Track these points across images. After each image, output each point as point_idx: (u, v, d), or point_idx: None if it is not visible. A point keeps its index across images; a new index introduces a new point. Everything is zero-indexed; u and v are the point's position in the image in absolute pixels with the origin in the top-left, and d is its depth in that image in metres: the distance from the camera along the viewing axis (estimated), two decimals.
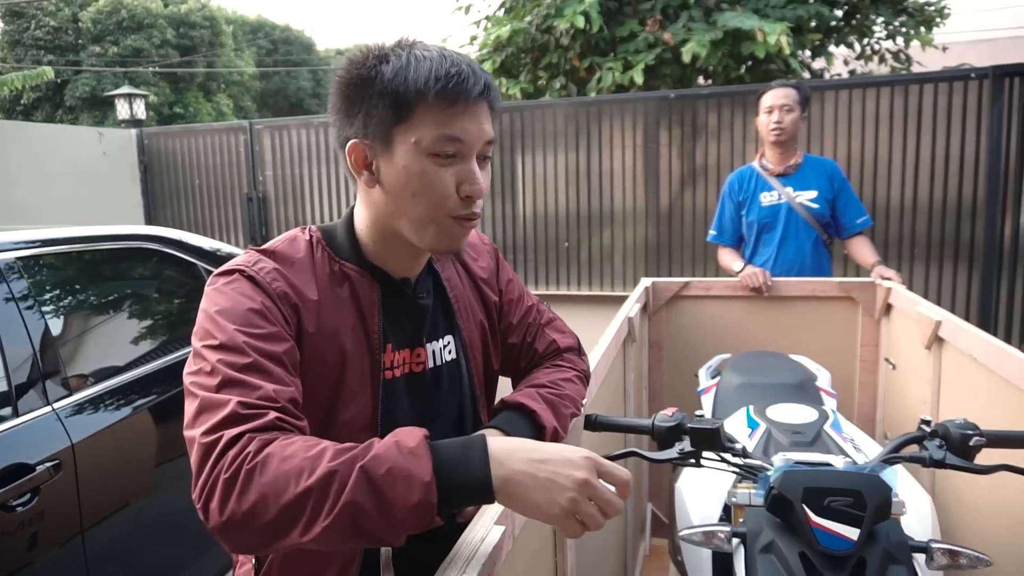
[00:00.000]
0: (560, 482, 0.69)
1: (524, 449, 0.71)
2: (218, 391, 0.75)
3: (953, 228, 4.22)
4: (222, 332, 0.80)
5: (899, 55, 6.90)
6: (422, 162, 0.85)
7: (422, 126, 0.84)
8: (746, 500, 1.14)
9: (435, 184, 0.85)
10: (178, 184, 6.20)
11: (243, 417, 0.72)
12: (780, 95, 2.67)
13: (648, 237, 4.92)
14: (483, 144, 0.88)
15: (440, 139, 0.84)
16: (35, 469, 1.66)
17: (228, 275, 0.87)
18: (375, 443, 0.71)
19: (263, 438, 0.71)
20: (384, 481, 0.66)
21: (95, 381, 1.97)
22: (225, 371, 0.76)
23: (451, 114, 0.84)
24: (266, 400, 0.75)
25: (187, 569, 2.16)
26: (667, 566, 2.65)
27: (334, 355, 0.90)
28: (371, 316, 0.93)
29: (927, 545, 1.06)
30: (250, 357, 0.78)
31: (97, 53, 17.96)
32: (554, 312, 1.20)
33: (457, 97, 0.83)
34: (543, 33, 6.19)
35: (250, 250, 0.92)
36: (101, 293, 2.26)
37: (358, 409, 0.91)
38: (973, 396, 1.73)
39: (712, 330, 2.73)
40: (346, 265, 0.94)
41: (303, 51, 25.94)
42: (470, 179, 0.87)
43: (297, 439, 0.72)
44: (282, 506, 0.67)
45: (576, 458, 0.71)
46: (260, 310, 0.83)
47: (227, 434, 0.71)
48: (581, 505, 0.69)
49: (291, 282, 0.88)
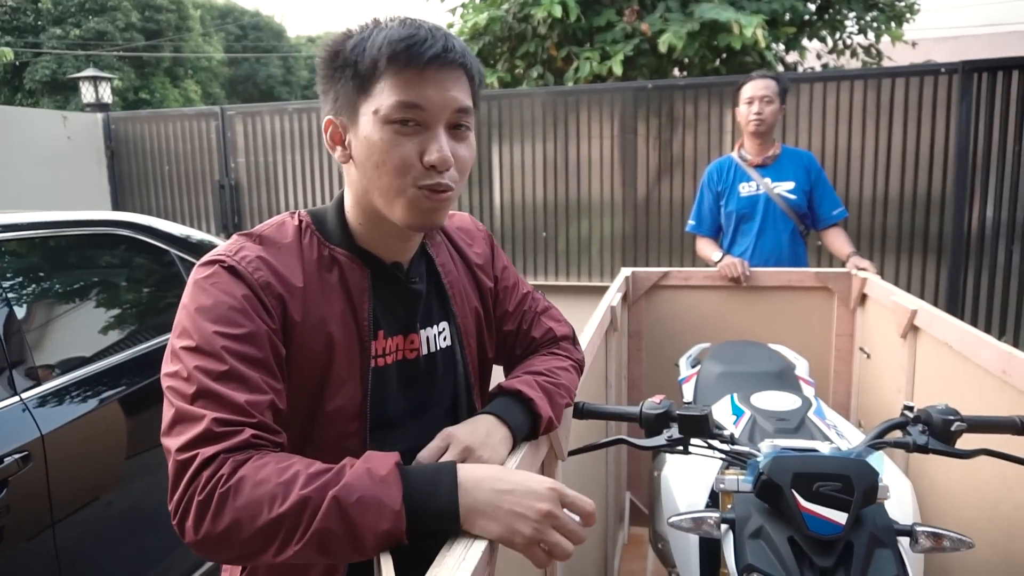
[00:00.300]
0: (524, 513, 0.71)
1: (491, 479, 0.74)
2: (193, 402, 0.75)
3: (922, 220, 4.31)
4: (199, 333, 0.79)
5: (870, 50, 7.01)
6: (382, 131, 0.83)
7: (381, 95, 0.82)
8: (734, 486, 1.14)
9: (395, 153, 0.83)
10: (147, 170, 6.06)
11: (217, 436, 0.72)
12: (760, 86, 2.69)
13: (626, 227, 4.94)
14: (451, 112, 0.84)
15: (397, 106, 0.82)
16: (2, 461, 1.61)
17: (210, 267, 0.84)
18: (347, 467, 0.72)
19: (236, 459, 0.71)
20: (355, 509, 0.68)
21: (65, 371, 1.91)
22: (201, 380, 0.76)
23: (406, 79, 0.81)
24: (241, 415, 0.75)
25: (161, 562, 2.12)
26: (645, 554, 2.67)
27: (321, 343, 0.87)
28: (361, 302, 0.91)
29: (911, 528, 1.08)
30: (226, 364, 0.77)
31: (58, 35, 17.42)
32: (549, 301, 1.19)
33: (410, 60, 0.81)
34: (520, 22, 6.16)
35: (237, 236, 0.90)
36: (70, 280, 2.19)
37: (346, 397, 0.89)
38: (948, 383, 1.77)
39: (691, 320, 2.75)
40: (336, 250, 0.91)
41: (273, 38, 25.50)
42: (431, 149, 0.83)
43: (270, 460, 0.72)
44: (255, 530, 0.69)
45: (541, 489, 0.73)
46: (240, 307, 0.81)
47: (202, 453, 0.71)
48: (545, 535, 0.72)
49: (276, 269, 0.86)
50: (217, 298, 0.81)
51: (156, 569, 2.10)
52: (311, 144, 5.65)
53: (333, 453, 0.88)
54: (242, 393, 0.76)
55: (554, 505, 0.72)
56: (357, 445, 0.90)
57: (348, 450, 0.86)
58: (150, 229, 2.46)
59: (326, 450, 0.88)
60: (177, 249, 2.52)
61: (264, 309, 0.83)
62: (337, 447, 0.89)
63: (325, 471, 0.71)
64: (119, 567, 1.97)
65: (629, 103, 4.83)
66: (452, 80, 0.84)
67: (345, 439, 0.90)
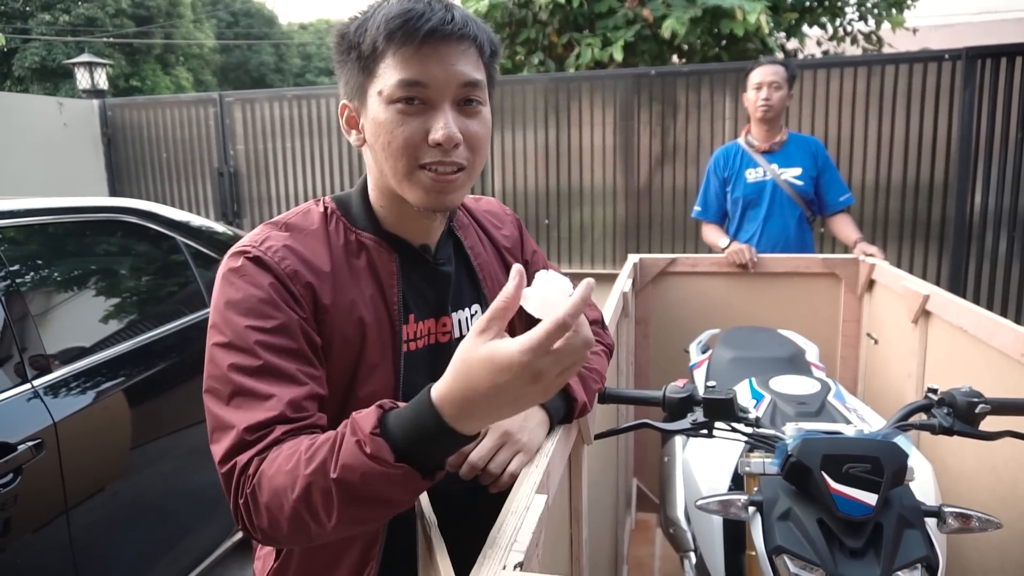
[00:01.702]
0: (526, 397, 0.64)
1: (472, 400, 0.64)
2: (230, 401, 0.76)
3: (925, 207, 4.32)
4: (231, 329, 0.79)
5: (870, 37, 6.99)
6: (387, 112, 0.81)
7: (384, 75, 0.81)
8: (760, 469, 1.15)
9: (400, 132, 0.81)
10: (144, 157, 6.01)
11: (248, 443, 0.74)
12: (769, 72, 2.68)
13: (628, 214, 4.93)
14: (457, 86, 0.81)
15: (400, 85, 0.80)
16: (16, 448, 1.60)
17: (236, 259, 0.84)
18: (339, 441, 0.68)
19: (260, 458, 0.73)
20: (364, 489, 0.67)
21: (76, 358, 1.90)
22: (236, 379, 0.77)
23: (407, 56, 0.79)
24: (273, 414, 0.75)
25: (174, 548, 2.12)
26: (652, 539, 2.69)
27: (353, 327, 0.87)
28: (390, 286, 0.90)
29: (939, 509, 1.08)
30: (260, 359, 0.77)
31: (47, 21, 17.18)
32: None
33: (408, 37, 0.78)
34: (521, 7, 6.11)
35: (263, 225, 0.90)
36: (78, 267, 2.17)
37: (379, 383, 0.89)
38: (962, 368, 1.77)
39: (698, 306, 2.75)
40: (362, 234, 0.91)
41: (265, 25, 25.24)
42: (435, 127, 0.80)
43: (283, 450, 0.72)
44: (287, 519, 0.70)
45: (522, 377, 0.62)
46: (269, 299, 0.80)
47: (238, 462, 0.74)
48: (558, 383, 0.64)
49: (303, 257, 0.85)
50: (246, 291, 0.81)
51: (169, 555, 2.10)
52: (310, 131, 5.61)
53: None
54: (277, 387, 0.76)
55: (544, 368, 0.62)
56: None
57: None
58: (154, 215, 2.44)
59: None
60: (182, 235, 2.50)
61: (293, 298, 0.82)
62: None
63: (321, 446, 0.69)
64: (132, 553, 1.97)
65: (631, 90, 4.81)
66: (456, 53, 0.81)
67: None
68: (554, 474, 0.92)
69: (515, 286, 0.63)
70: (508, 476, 0.84)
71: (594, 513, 1.58)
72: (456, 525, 0.82)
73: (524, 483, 0.81)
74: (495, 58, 0.88)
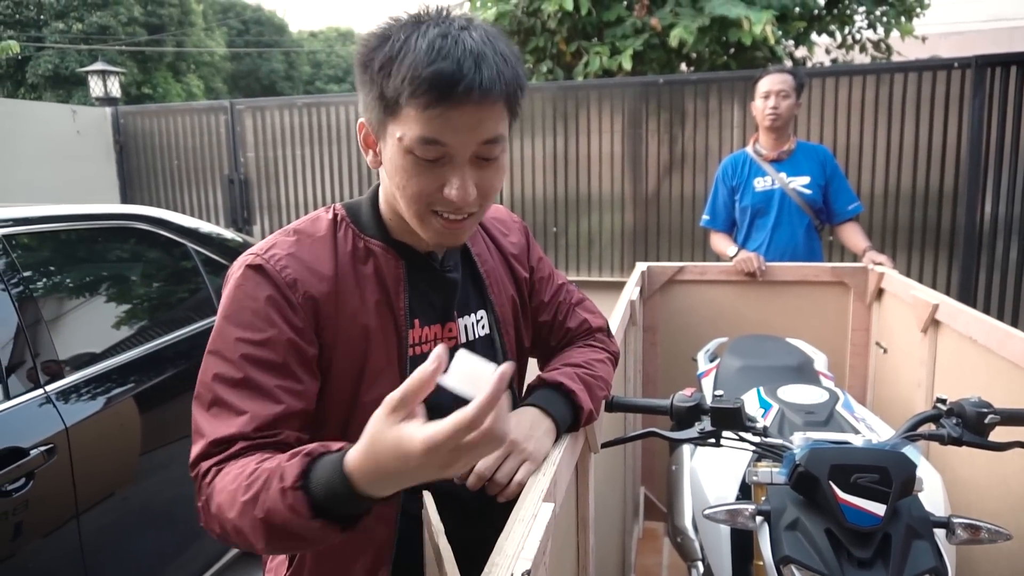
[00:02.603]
0: (431, 475, 0.65)
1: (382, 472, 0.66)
2: (208, 410, 0.82)
3: (934, 215, 4.30)
4: (222, 339, 0.83)
5: (879, 45, 6.98)
6: (405, 159, 0.81)
7: (404, 124, 0.79)
8: (768, 479, 1.15)
9: (416, 183, 0.82)
10: (156, 165, 6.06)
11: (212, 454, 0.79)
12: (777, 80, 2.68)
13: (636, 222, 4.94)
14: (479, 144, 0.80)
15: (419, 141, 0.78)
16: (28, 453, 1.62)
17: (240, 268, 0.87)
18: (270, 481, 0.71)
19: (218, 468, 0.78)
20: (285, 531, 0.70)
21: (87, 364, 1.92)
22: (216, 390, 0.81)
23: (430, 117, 0.77)
24: (240, 431, 0.79)
25: (183, 554, 2.13)
26: (660, 548, 2.68)
27: (357, 333, 0.88)
28: (396, 293, 0.91)
29: (948, 520, 1.08)
30: (242, 373, 0.81)
31: (60, 30, 17.37)
32: (583, 293, 1.19)
33: (434, 101, 0.76)
34: (530, 16, 6.14)
35: (275, 233, 0.92)
36: (90, 273, 2.20)
37: (384, 388, 0.89)
38: (971, 377, 1.77)
39: (706, 314, 2.74)
40: (371, 241, 0.92)
41: (275, 32, 25.44)
42: (451, 184, 0.81)
43: (232, 468, 0.76)
44: (230, 531, 0.75)
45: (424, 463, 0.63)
46: (262, 312, 0.83)
47: (200, 469, 0.79)
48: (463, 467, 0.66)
49: (307, 264, 0.87)
50: (241, 303, 0.84)
51: (177, 560, 2.11)
52: (320, 139, 5.65)
53: None
54: (252, 403, 0.80)
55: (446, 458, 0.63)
56: None
57: None
58: (165, 222, 2.46)
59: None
60: (193, 242, 2.52)
61: (290, 308, 0.84)
62: None
63: (258, 477, 0.72)
64: (141, 558, 1.98)
65: (639, 98, 4.82)
66: (481, 114, 0.79)
67: None
68: (561, 482, 0.92)
69: (432, 370, 0.63)
70: (515, 485, 0.85)
71: (601, 521, 1.58)
72: (464, 531, 0.82)
73: (531, 491, 0.82)
74: (522, 95, 0.85)
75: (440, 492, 0.81)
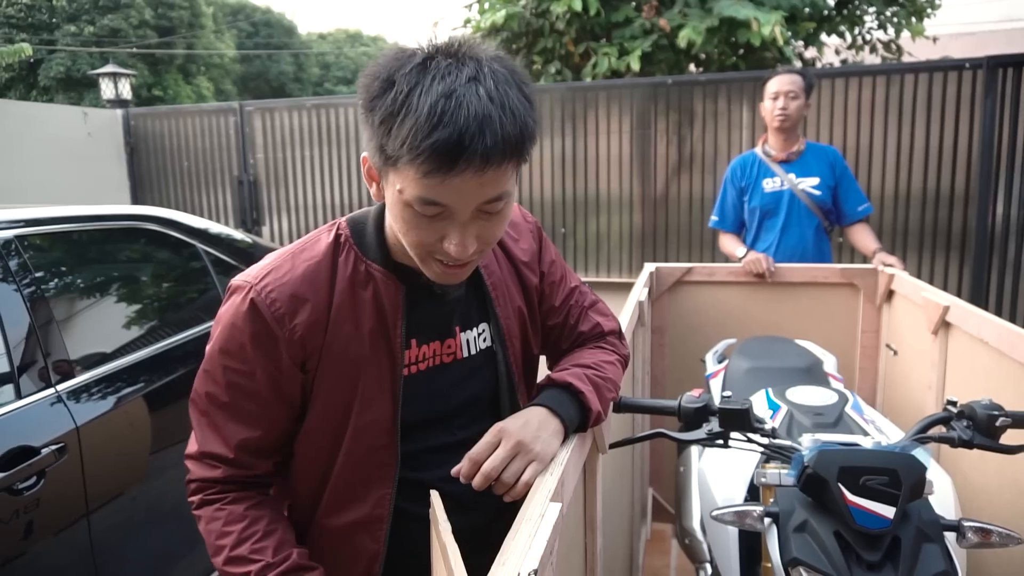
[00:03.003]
0: None
1: None
2: (200, 419, 0.93)
3: (945, 217, 4.28)
4: (212, 363, 0.91)
5: (890, 45, 6.95)
6: (405, 211, 0.80)
7: (404, 180, 0.77)
8: (776, 480, 1.14)
9: (415, 234, 0.81)
10: (166, 166, 6.10)
11: (201, 466, 0.93)
12: (786, 81, 2.67)
13: (644, 223, 4.93)
14: (481, 203, 0.78)
15: (419, 201, 0.77)
16: (40, 452, 1.63)
17: (236, 293, 0.90)
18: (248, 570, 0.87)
19: (204, 496, 0.92)
20: None
21: (97, 363, 1.93)
22: (207, 406, 0.92)
23: (430, 183, 0.75)
24: (224, 448, 0.90)
25: (191, 552, 2.14)
26: (668, 550, 2.67)
27: (349, 360, 0.90)
28: (394, 320, 0.91)
29: (958, 523, 1.07)
30: (227, 397, 0.90)
31: (72, 32, 17.51)
32: (596, 295, 1.19)
33: (433, 171, 0.73)
34: (538, 17, 6.14)
35: (275, 255, 0.92)
36: (100, 274, 2.21)
37: (376, 412, 0.91)
38: (982, 380, 1.75)
39: (714, 315, 2.73)
40: (372, 266, 0.92)
41: (284, 34, 25.56)
42: (450, 239, 0.80)
43: (221, 516, 0.90)
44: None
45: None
46: (249, 346, 0.87)
47: (190, 470, 0.95)
48: None
49: (301, 295, 0.87)
50: (231, 332, 0.89)
51: (186, 559, 2.12)
52: (328, 140, 5.67)
53: (364, 464, 0.92)
54: (235, 425, 0.90)
55: None
56: (388, 457, 0.92)
57: (378, 462, 0.92)
58: (175, 223, 2.48)
59: (357, 461, 0.92)
60: (203, 243, 2.54)
61: (275, 345, 0.87)
62: (368, 459, 0.92)
63: (236, 560, 0.88)
64: (150, 556, 1.99)
65: (647, 99, 4.81)
66: (484, 179, 0.75)
67: (375, 452, 0.92)
68: (568, 483, 0.92)
69: None
70: (522, 485, 0.85)
71: (609, 523, 1.58)
72: (455, 519, 0.83)
73: (538, 491, 0.82)
74: (530, 146, 0.80)
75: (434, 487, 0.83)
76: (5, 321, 1.71)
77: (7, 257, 1.79)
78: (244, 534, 0.88)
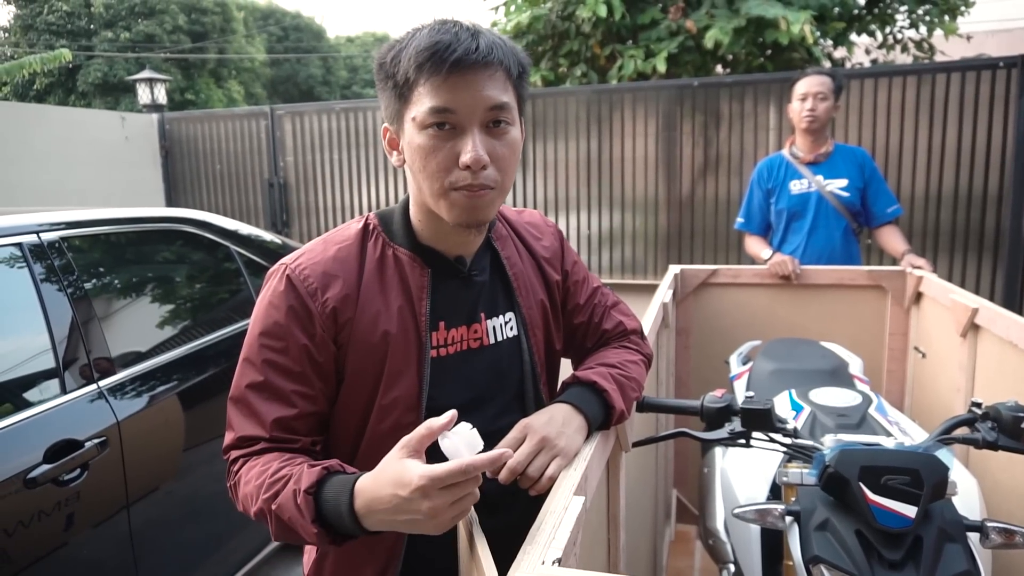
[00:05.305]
0: (416, 518, 0.75)
1: (379, 500, 0.77)
2: (236, 405, 0.94)
3: (978, 218, 4.20)
4: (250, 344, 0.94)
5: (922, 44, 6.83)
6: (420, 137, 0.87)
7: (417, 102, 0.86)
8: (798, 479, 1.15)
9: (433, 157, 0.87)
10: (199, 169, 6.24)
11: (239, 446, 0.93)
12: (815, 83, 2.66)
13: (670, 225, 4.92)
14: (485, 110, 0.86)
15: (430, 112, 0.85)
16: (83, 445, 1.70)
17: (272, 275, 0.95)
18: (291, 481, 0.83)
19: (244, 460, 0.91)
20: (289, 525, 0.83)
21: (136, 361, 2.00)
22: (242, 389, 0.93)
23: (435, 85, 0.84)
24: (260, 429, 0.91)
25: (224, 546, 2.20)
26: (692, 551, 2.67)
27: (377, 338, 0.93)
28: (419, 299, 0.95)
29: (982, 524, 1.07)
30: (263, 376, 0.92)
31: (109, 38, 17.95)
32: (617, 296, 1.21)
33: (436, 67, 0.83)
34: (564, 20, 6.16)
35: (310, 243, 0.99)
36: (139, 273, 2.29)
37: (402, 389, 0.94)
38: (1011, 382, 1.74)
39: (740, 317, 2.73)
40: (399, 249, 0.97)
41: (313, 38, 25.89)
42: (464, 151, 0.86)
43: (257, 464, 0.88)
44: (252, 515, 0.89)
45: (415, 497, 0.74)
46: (284, 322, 0.91)
47: (231, 456, 0.94)
48: (442, 519, 0.75)
49: (332, 273, 0.93)
50: (267, 312, 0.93)
51: (219, 552, 2.18)
52: (357, 143, 5.75)
53: (391, 442, 0.93)
54: (271, 405, 0.91)
55: (434, 498, 0.73)
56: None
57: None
58: (209, 225, 2.55)
59: (384, 440, 0.93)
60: (233, 243, 2.61)
61: (310, 317, 0.91)
62: (395, 437, 0.93)
63: (280, 478, 0.84)
64: (185, 549, 2.05)
65: (673, 101, 4.81)
66: (482, 79, 0.85)
67: (401, 430, 0.94)
68: (592, 478, 0.95)
69: (441, 424, 0.75)
70: (547, 480, 0.87)
71: (632, 521, 1.59)
72: (487, 521, 0.85)
73: (562, 485, 0.85)
74: (524, 78, 0.92)
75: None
76: (51, 319, 1.79)
77: (52, 258, 1.87)
78: (280, 464, 0.87)
